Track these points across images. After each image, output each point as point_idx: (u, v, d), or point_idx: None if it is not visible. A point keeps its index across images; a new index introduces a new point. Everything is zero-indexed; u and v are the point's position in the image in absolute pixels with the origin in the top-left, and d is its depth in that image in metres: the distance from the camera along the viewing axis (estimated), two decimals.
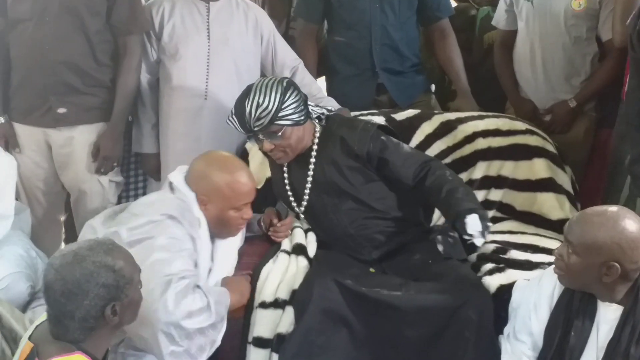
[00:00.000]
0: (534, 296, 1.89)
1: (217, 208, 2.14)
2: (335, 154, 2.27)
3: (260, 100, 2.18)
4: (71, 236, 2.90)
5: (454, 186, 2.15)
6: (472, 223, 2.02)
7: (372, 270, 2.24)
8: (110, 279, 1.57)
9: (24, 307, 2.26)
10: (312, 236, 2.38)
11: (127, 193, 2.97)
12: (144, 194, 2.93)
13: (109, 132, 2.64)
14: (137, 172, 2.97)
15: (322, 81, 3.16)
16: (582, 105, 2.86)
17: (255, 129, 2.20)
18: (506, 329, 1.98)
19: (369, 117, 2.72)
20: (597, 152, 2.92)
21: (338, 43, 3.00)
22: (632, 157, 2.24)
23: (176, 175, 2.20)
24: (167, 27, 2.70)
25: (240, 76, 2.76)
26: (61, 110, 2.57)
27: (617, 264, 1.68)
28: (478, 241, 2.03)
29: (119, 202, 2.84)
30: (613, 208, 1.75)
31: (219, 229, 2.18)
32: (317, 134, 2.32)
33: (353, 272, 2.16)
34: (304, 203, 2.33)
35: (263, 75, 2.87)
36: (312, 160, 2.30)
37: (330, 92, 3.00)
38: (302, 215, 2.41)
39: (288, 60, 2.85)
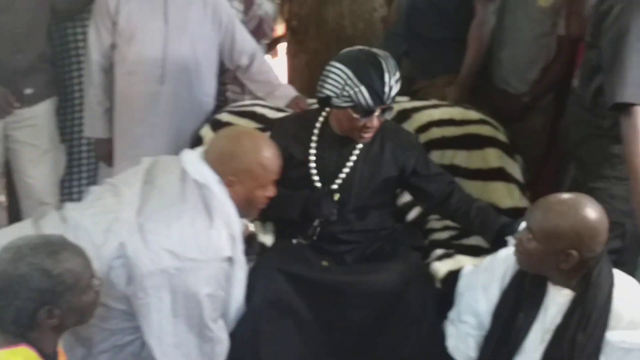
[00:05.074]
0: (484, 278, 1.92)
1: (246, 188, 1.99)
2: (375, 157, 2.23)
3: (398, 74, 2.10)
4: None
5: (480, 204, 2.26)
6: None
7: (325, 263, 2.22)
8: (45, 283, 1.52)
9: None
10: (269, 226, 2.38)
11: (80, 179, 2.96)
12: (95, 179, 2.92)
13: None
14: (89, 157, 2.97)
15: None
16: (536, 100, 2.91)
17: (388, 102, 2.10)
18: (451, 314, 2.02)
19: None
20: (555, 144, 2.98)
21: None
22: (577, 139, 2.32)
23: (191, 161, 1.99)
24: (123, 10, 2.66)
25: (198, 62, 2.75)
26: None
27: (575, 252, 1.69)
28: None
29: (68, 186, 2.84)
30: (574, 196, 1.77)
31: (243, 209, 2.03)
32: None
33: (302, 263, 2.15)
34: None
35: (221, 61, 2.87)
36: (355, 152, 2.22)
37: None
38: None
39: (247, 47, 2.85)
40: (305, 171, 2.23)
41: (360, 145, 2.22)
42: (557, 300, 1.78)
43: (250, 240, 2.15)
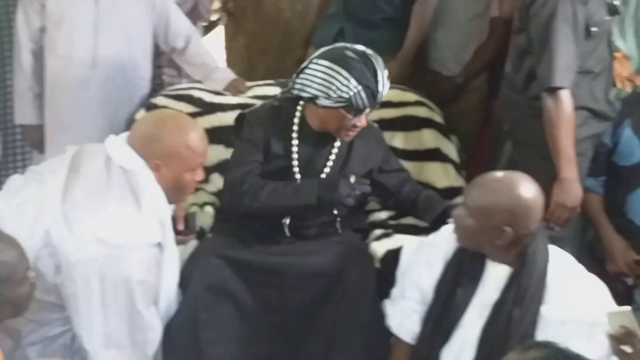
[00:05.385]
0: (428, 254, 1.94)
1: (173, 172, 1.93)
2: (345, 155, 2.21)
3: (387, 71, 2.10)
4: None
5: (428, 193, 2.33)
6: None
7: None
8: None
9: None
10: (209, 211, 2.37)
11: (15, 164, 2.90)
12: (26, 165, 2.83)
13: None
14: (23, 144, 2.90)
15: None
16: (468, 81, 2.96)
17: (380, 101, 2.11)
18: (394, 291, 2.03)
19: (265, 88, 2.72)
20: (488, 123, 3.04)
21: None
22: (512, 120, 2.37)
23: (116, 147, 1.93)
24: None
25: (131, 45, 2.69)
26: None
27: (509, 229, 1.73)
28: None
29: (4, 172, 2.75)
30: (510, 174, 1.81)
31: (172, 194, 1.97)
32: None
33: (241, 247, 2.14)
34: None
35: (157, 44, 2.81)
36: (334, 151, 2.21)
37: None
38: None
39: (182, 29, 2.79)
40: (283, 165, 2.19)
41: (338, 143, 2.21)
42: (495, 276, 1.82)
43: (187, 220, 2.12)
